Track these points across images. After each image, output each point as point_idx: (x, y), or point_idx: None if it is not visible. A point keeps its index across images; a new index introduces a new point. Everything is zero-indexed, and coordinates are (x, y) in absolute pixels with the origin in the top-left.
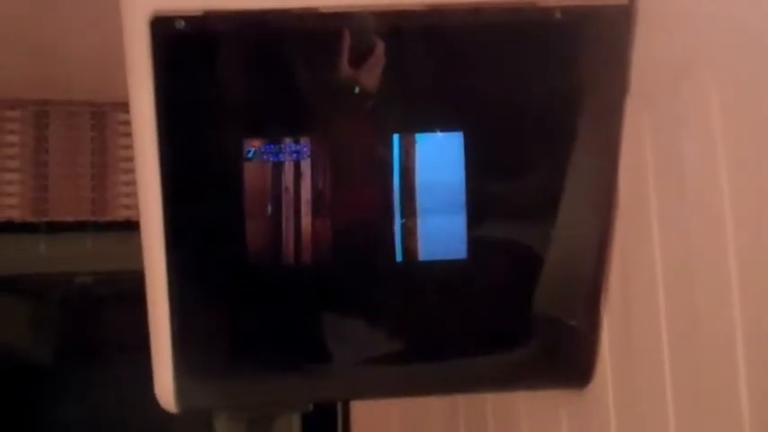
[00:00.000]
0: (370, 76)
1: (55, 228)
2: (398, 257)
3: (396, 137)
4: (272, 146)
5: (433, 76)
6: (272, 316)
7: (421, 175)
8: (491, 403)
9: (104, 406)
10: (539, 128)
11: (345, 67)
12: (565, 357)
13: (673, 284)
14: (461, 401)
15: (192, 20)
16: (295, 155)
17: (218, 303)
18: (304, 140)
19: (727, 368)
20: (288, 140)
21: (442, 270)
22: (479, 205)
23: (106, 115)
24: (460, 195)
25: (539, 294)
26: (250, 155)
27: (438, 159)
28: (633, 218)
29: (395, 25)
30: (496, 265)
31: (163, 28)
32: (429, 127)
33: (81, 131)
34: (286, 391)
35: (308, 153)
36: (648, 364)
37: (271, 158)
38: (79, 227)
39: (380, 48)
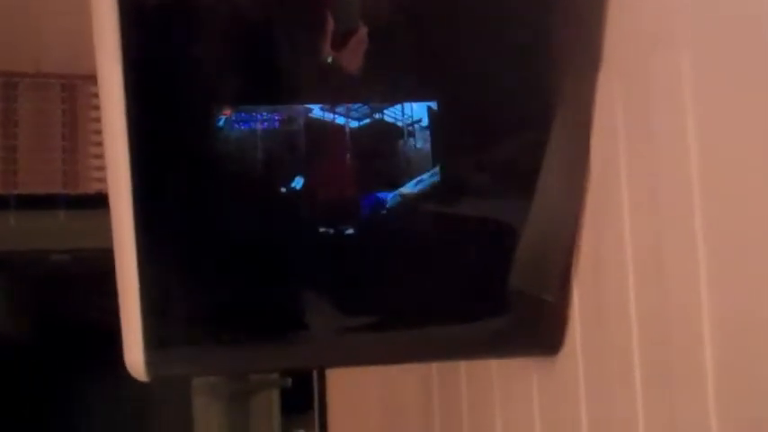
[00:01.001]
0: (353, 58)
1: (25, 202)
2: (370, 226)
3: (365, 106)
4: (244, 114)
5: (406, 45)
6: (243, 285)
7: (392, 144)
8: (464, 370)
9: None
10: (511, 98)
11: (327, 48)
12: (536, 326)
13: (642, 255)
14: (435, 369)
15: None
16: (267, 123)
17: (189, 272)
18: (276, 109)
19: (694, 336)
20: (260, 109)
21: (415, 240)
22: (451, 175)
23: (77, 88)
24: (432, 165)
25: (511, 265)
26: (221, 123)
27: (410, 128)
28: (604, 189)
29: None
30: (468, 236)
31: None
32: (404, 96)
33: (51, 104)
34: (258, 360)
35: (280, 121)
36: (617, 333)
37: (242, 126)
38: (50, 201)
39: (363, 31)
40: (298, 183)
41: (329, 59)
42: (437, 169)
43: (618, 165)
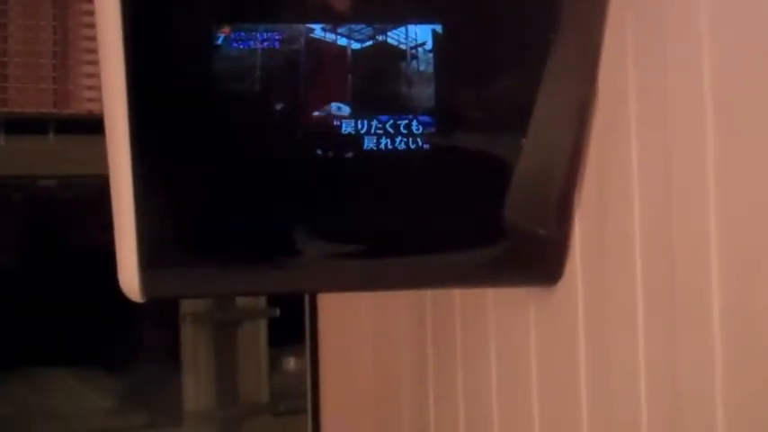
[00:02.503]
0: None
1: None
2: (365, 147)
3: (368, 27)
4: (243, 33)
5: None
6: (237, 207)
7: (395, 67)
8: (459, 299)
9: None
10: (517, 23)
11: None
12: (534, 255)
13: (648, 187)
14: (429, 297)
15: None
16: (267, 43)
17: (185, 194)
18: (276, 28)
19: (700, 269)
20: (260, 28)
21: (410, 165)
22: (456, 102)
23: (69, 5)
24: (435, 89)
25: (510, 193)
26: (219, 41)
27: (414, 51)
28: (611, 121)
29: None
30: (467, 164)
31: None
32: (409, 18)
33: (42, 20)
34: (253, 283)
35: (280, 41)
36: (620, 266)
37: (241, 45)
38: (40, 122)
39: None
40: (297, 104)
41: None
42: (439, 94)
43: (627, 94)
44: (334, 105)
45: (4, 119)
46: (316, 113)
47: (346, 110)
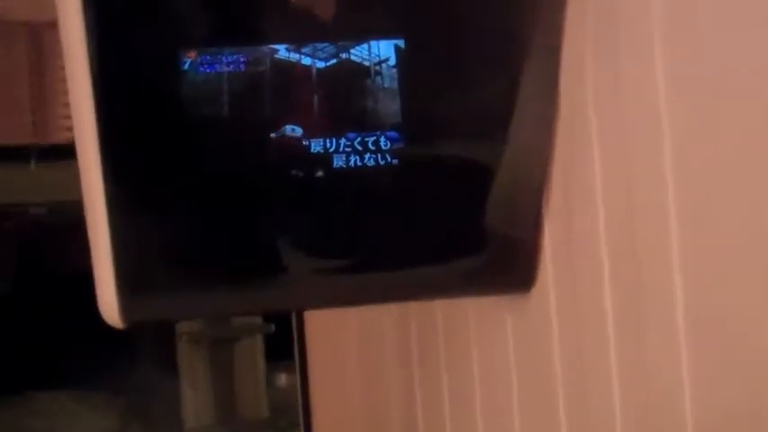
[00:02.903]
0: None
1: None
2: (335, 166)
3: (331, 46)
4: (209, 56)
5: None
6: (215, 227)
7: (360, 84)
8: (440, 309)
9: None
10: (479, 34)
11: None
12: (508, 264)
13: (611, 190)
14: (412, 309)
15: None
16: (233, 65)
17: (159, 216)
18: (240, 51)
19: (663, 274)
20: (225, 51)
21: (381, 181)
22: (422, 116)
23: (43, 35)
24: (400, 105)
25: (482, 204)
26: (186, 66)
27: (378, 68)
28: (573, 125)
29: None
30: (438, 177)
31: None
32: (371, 34)
33: (17, 52)
34: (234, 303)
35: (245, 63)
36: (587, 271)
37: (207, 69)
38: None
39: None
40: (266, 125)
41: None
42: (405, 109)
43: (586, 103)
44: (300, 125)
45: None
46: (283, 134)
47: (313, 129)
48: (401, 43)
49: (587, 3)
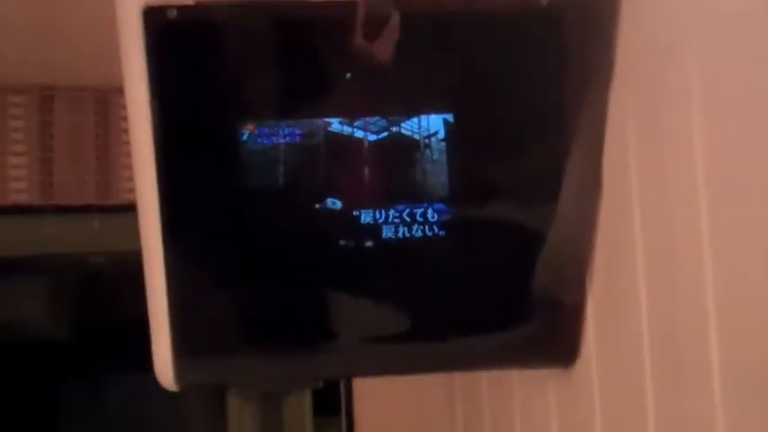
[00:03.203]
0: (384, 48)
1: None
2: (384, 236)
3: (383, 119)
4: (266, 129)
5: (424, 61)
6: (269, 294)
7: (410, 156)
8: (486, 377)
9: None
10: (526, 112)
11: (360, 42)
12: (552, 338)
13: (653, 267)
14: (458, 377)
15: (183, 9)
16: (289, 137)
17: (216, 282)
18: (296, 123)
19: (703, 346)
20: (282, 124)
21: (427, 252)
22: (468, 189)
23: (110, 100)
24: (449, 177)
25: (527, 277)
26: (244, 138)
27: (427, 141)
28: (616, 201)
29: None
30: (483, 249)
31: (155, 17)
32: (421, 109)
33: (85, 116)
34: (285, 369)
35: (300, 135)
36: (630, 345)
37: (264, 141)
38: (85, 210)
39: (396, 19)
40: (319, 195)
41: (348, 75)
42: (453, 182)
43: (629, 174)
44: (351, 196)
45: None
46: (338, 203)
47: (364, 200)
48: (450, 117)
49: (630, 82)
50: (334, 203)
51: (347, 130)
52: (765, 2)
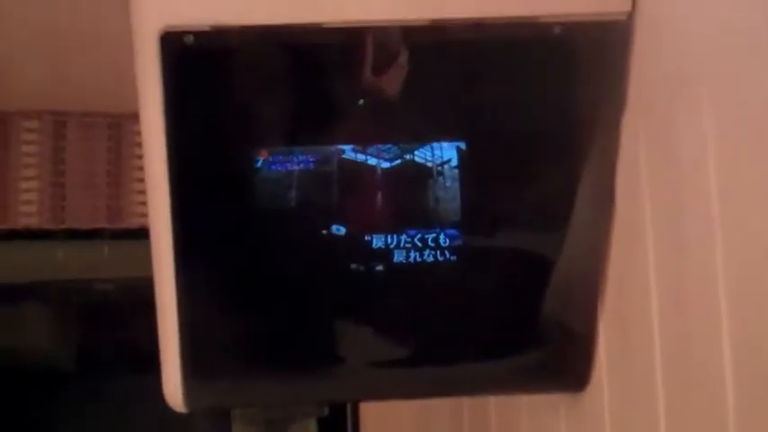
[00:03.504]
0: (392, 83)
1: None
2: (395, 261)
3: (395, 147)
4: (280, 156)
5: (437, 89)
6: (279, 318)
7: (423, 184)
8: (493, 402)
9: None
10: (538, 139)
11: (368, 76)
12: (563, 363)
13: (665, 293)
14: (466, 400)
15: (200, 35)
16: (302, 164)
17: (226, 307)
18: (310, 150)
19: (716, 374)
20: (295, 150)
21: (439, 277)
22: (481, 215)
23: (122, 126)
24: (461, 203)
25: (539, 303)
26: (259, 165)
27: (440, 168)
28: (628, 228)
29: (400, 41)
30: (494, 275)
31: (172, 43)
32: (434, 137)
33: (97, 141)
34: (294, 393)
35: (314, 162)
36: (641, 371)
37: (278, 168)
38: (95, 234)
39: (404, 56)
40: (331, 221)
41: (360, 102)
42: (465, 208)
43: (642, 202)
44: (364, 221)
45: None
46: (350, 229)
47: (376, 225)
48: (463, 145)
49: (642, 110)
50: (345, 228)
51: (360, 157)
52: None
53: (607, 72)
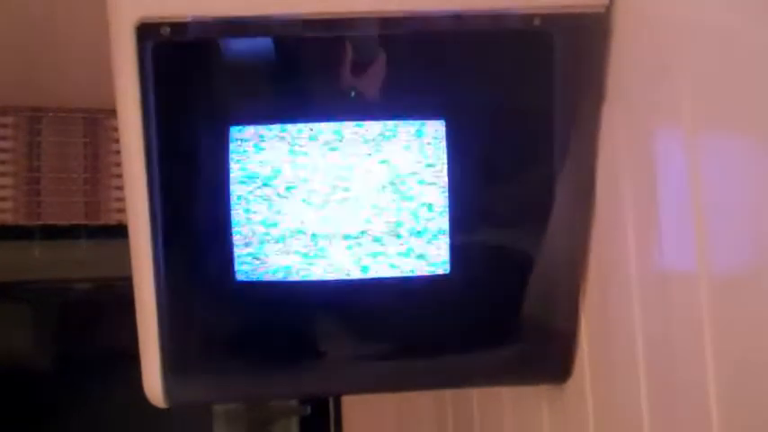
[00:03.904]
0: (371, 84)
1: (49, 233)
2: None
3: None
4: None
5: (415, 81)
6: (260, 313)
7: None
8: (477, 395)
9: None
10: (517, 131)
11: (347, 76)
12: (546, 355)
13: (646, 285)
14: (449, 394)
15: (177, 26)
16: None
17: (206, 300)
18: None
19: (697, 365)
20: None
21: (428, 275)
22: (460, 213)
23: (98, 121)
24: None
25: (521, 296)
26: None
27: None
28: (609, 220)
29: (380, 33)
30: (477, 269)
31: (148, 34)
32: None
33: (73, 137)
34: (275, 387)
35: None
36: (623, 361)
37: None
38: (72, 231)
39: (382, 59)
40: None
41: (352, 94)
42: (448, 204)
43: (622, 192)
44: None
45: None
46: (332, 220)
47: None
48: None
49: (621, 101)
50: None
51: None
52: (757, 21)
53: (586, 64)
